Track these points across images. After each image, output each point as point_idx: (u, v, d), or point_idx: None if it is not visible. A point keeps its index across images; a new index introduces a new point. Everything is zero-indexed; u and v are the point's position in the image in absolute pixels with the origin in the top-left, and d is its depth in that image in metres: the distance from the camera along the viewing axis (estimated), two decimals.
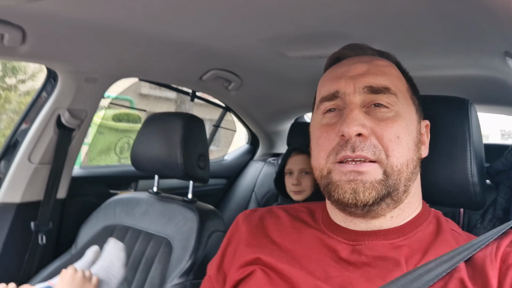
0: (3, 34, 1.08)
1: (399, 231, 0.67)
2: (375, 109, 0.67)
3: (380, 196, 0.63)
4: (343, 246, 0.67)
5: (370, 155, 0.63)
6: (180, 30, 1.18)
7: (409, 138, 0.66)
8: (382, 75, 0.69)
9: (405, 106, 0.68)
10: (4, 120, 4.32)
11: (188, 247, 1.26)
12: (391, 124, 0.65)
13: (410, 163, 0.66)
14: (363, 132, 0.64)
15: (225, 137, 3.00)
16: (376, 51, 0.76)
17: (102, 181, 1.85)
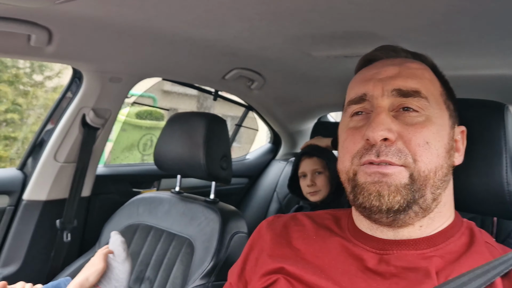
0: (30, 35, 1.09)
1: (430, 241, 0.64)
2: (404, 113, 0.64)
3: (406, 201, 0.61)
4: (370, 255, 0.65)
5: (395, 160, 0.61)
6: (204, 30, 1.17)
7: (440, 144, 0.63)
8: (413, 78, 0.66)
9: (436, 110, 0.65)
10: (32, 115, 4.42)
11: (210, 248, 1.26)
12: (420, 129, 0.63)
13: (439, 170, 0.63)
14: (389, 137, 0.62)
15: (246, 133, 2.99)
16: (410, 53, 0.73)
17: (126, 179, 1.87)
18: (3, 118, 4.13)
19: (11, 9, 0.96)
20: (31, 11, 0.99)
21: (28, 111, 4.38)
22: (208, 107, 6.92)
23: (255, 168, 2.60)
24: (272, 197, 2.46)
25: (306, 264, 0.68)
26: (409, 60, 0.71)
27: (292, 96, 2.10)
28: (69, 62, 1.37)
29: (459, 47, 1.15)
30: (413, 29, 1.04)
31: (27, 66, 4.33)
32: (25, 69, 4.35)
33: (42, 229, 1.50)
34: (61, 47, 1.19)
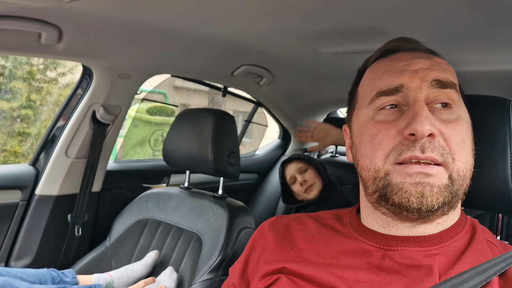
0: (41, 33, 1.11)
1: (435, 239, 0.63)
2: (439, 110, 0.62)
3: (446, 202, 0.59)
4: (374, 250, 0.65)
5: (438, 157, 0.58)
6: (212, 27, 1.18)
7: (470, 143, 0.63)
8: (447, 71, 0.64)
9: (463, 107, 0.65)
10: (46, 111, 4.47)
11: (217, 243, 1.27)
12: (457, 127, 0.61)
13: (471, 168, 0.62)
14: (434, 132, 0.59)
15: (257, 129, 3.00)
16: (427, 49, 0.72)
17: (136, 175, 1.89)
18: (17, 114, 4.19)
19: (22, 8, 0.97)
20: (41, 9, 1.01)
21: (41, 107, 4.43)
22: (219, 102, 6.92)
23: (264, 164, 2.60)
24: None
25: (308, 263, 0.67)
26: (433, 55, 0.69)
27: (300, 92, 2.10)
28: (79, 59, 1.39)
29: (465, 42, 1.14)
30: (420, 24, 1.03)
31: (41, 63, 4.38)
32: (39, 66, 4.40)
33: (54, 224, 1.52)
34: (71, 45, 1.21)
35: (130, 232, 1.48)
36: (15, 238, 1.48)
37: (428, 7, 0.91)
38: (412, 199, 0.58)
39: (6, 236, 1.46)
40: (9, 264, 1.46)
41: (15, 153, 3.99)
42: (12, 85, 4.10)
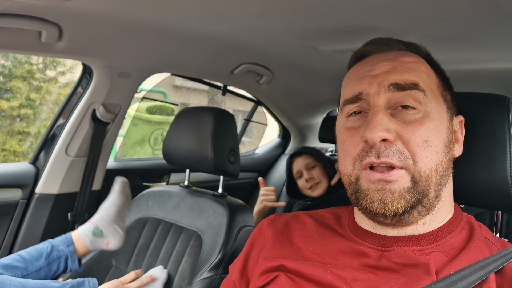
0: (41, 31, 1.11)
1: (430, 237, 0.64)
2: (402, 111, 0.63)
3: (410, 204, 0.60)
4: (371, 251, 0.65)
5: (396, 161, 0.60)
6: (212, 25, 1.18)
7: (439, 140, 0.62)
8: (410, 71, 0.64)
9: (434, 104, 0.64)
10: (45, 111, 4.47)
11: (217, 241, 1.27)
12: (418, 127, 0.61)
13: (439, 167, 0.62)
14: (388, 137, 0.60)
15: (257, 128, 3.00)
16: (403, 43, 0.71)
17: (136, 173, 1.89)
18: (17, 113, 4.19)
19: (22, 6, 0.97)
20: (42, 8, 1.01)
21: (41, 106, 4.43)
22: (219, 101, 6.93)
23: (264, 163, 2.61)
24: (281, 192, 2.47)
25: (307, 261, 0.68)
26: (403, 53, 0.69)
27: (300, 91, 2.10)
28: (79, 58, 1.39)
29: (465, 40, 1.14)
30: (419, 23, 1.04)
31: (40, 62, 4.37)
32: (38, 65, 4.40)
33: (54, 222, 1.53)
34: (71, 43, 1.21)
35: (130, 231, 1.48)
36: (16, 236, 1.48)
37: (427, 5, 0.91)
38: (375, 205, 0.61)
39: (6, 234, 1.47)
40: None
41: (14, 152, 4.00)
42: (11, 84, 4.10)
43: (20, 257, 1.14)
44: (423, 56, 0.70)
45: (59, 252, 1.18)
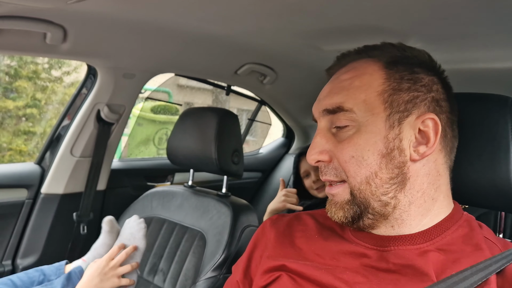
0: (46, 33, 1.12)
1: (426, 235, 0.64)
2: (338, 130, 0.67)
3: (350, 215, 0.66)
4: (370, 252, 0.66)
5: (333, 178, 0.67)
6: (215, 25, 1.19)
7: (370, 153, 0.63)
8: (339, 92, 0.67)
9: (367, 118, 0.64)
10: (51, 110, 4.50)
11: (221, 241, 1.28)
12: (346, 145, 0.65)
13: (373, 179, 0.64)
14: (321, 159, 0.67)
15: (261, 127, 3.01)
16: (358, 51, 0.72)
17: (140, 173, 1.90)
18: (23, 113, 4.22)
19: (27, 8, 0.98)
20: (46, 10, 1.02)
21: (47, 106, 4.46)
22: (223, 101, 6.94)
23: (268, 162, 2.61)
24: None
25: (308, 262, 0.69)
26: (350, 66, 0.70)
27: (304, 90, 2.10)
28: (84, 59, 1.40)
29: (468, 39, 1.14)
30: (423, 22, 1.03)
31: (46, 62, 4.40)
32: (44, 65, 4.43)
33: (59, 222, 1.54)
34: (76, 45, 1.21)
35: None
36: (21, 236, 1.50)
37: (431, 4, 0.91)
38: (329, 214, 0.70)
39: (12, 234, 1.48)
40: (16, 261, 1.48)
41: (20, 151, 4.03)
42: (17, 84, 4.13)
43: (12, 282, 1.14)
44: (385, 57, 0.69)
45: (50, 284, 1.17)
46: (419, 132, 0.64)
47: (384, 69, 0.67)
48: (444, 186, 0.67)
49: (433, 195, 0.65)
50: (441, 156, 0.66)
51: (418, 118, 0.64)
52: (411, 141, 0.64)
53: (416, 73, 0.67)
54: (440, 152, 0.66)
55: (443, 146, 0.66)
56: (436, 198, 0.66)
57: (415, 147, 0.64)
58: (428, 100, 0.65)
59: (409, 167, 0.64)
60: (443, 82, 0.70)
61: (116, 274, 1.13)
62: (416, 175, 0.64)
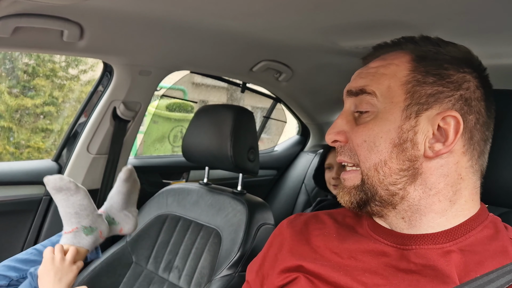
0: (63, 30, 1.12)
1: (449, 234, 0.62)
2: (360, 116, 0.68)
3: (356, 200, 0.67)
4: (391, 250, 0.64)
5: (347, 159, 0.68)
6: (232, 21, 1.17)
7: (382, 140, 0.63)
8: (365, 76, 0.68)
9: (385, 105, 0.64)
10: (68, 108, 4.55)
11: (237, 239, 1.27)
12: (361, 129, 0.66)
13: (382, 166, 0.63)
14: (338, 139, 0.69)
15: (276, 125, 3.00)
16: (389, 44, 0.72)
17: (156, 170, 1.90)
18: (41, 111, 4.28)
19: (44, 6, 0.99)
20: (63, 7, 1.02)
21: (64, 104, 4.51)
22: (237, 98, 6.93)
23: (283, 160, 2.60)
24: (300, 189, 2.46)
25: (326, 262, 0.67)
26: (382, 57, 0.70)
27: (320, 87, 2.08)
28: (100, 56, 1.40)
29: (493, 34, 1.10)
30: (446, 17, 1.00)
31: (63, 61, 4.45)
32: (61, 63, 4.48)
33: None
34: (92, 42, 1.22)
35: (150, 227, 1.50)
36: (39, 232, 1.51)
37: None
38: (339, 199, 0.71)
39: (30, 230, 1.50)
40: None
41: (38, 149, 4.08)
42: (35, 82, 4.18)
43: (36, 250, 1.16)
44: (411, 52, 0.68)
45: None
46: (438, 129, 0.62)
47: (412, 61, 0.66)
48: (467, 190, 0.64)
49: (451, 197, 0.63)
50: (464, 159, 0.63)
51: (439, 114, 0.62)
52: (427, 136, 0.62)
53: (445, 69, 0.64)
54: (463, 155, 0.63)
55: (467, 149, 0.63)
56: (455, 201, 0.63)
57: (431, 144, 0.62)
58: (455, 98, 0.63)
59: (422, 163, 0.62)
60: (482, 81, 0.66)
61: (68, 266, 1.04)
62: (430, 172, 0.62)
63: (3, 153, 3.92)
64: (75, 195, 1.14)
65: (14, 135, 4.04)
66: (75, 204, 1.14)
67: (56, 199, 1.15)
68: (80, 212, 1.14)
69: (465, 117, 0.62)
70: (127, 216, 1.27)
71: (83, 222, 1.14)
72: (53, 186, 1.13)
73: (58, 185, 1.13)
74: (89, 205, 1.16)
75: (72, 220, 1.14)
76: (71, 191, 1.14)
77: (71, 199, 1.14)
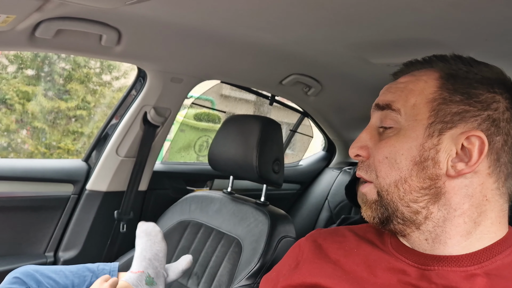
0: (102, 35, 1.16)
1: (474, 257, 0.60)
2: (384, 131, 0.68)
3: (378, 215, 0.67)
4: (411, 269, 0.63)
5: (363, 174, 0.69)
6: (264, 34, 1.19)
7: (403, 157, 0.63)
8: (394, 91, 0.69)
9: (409, 122, 0.64)
10: (99, 113, 4.66)
11: (257, 249, 1.27)
12: (383, 145, 0.66)
13: (402, 183, 0.63)
14: (360, 153, 0.69)
15: (301, 141, 2.99)
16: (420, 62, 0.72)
17: (181, 177, 1.93)
18: (73, 114, 4.40)
19: (86, 10, 1.03)
20: (104, 12, 1.06)
21: (95, 109, 4.63)
22: (264, 112, 6.97)
23: (307, 175, 2.58)
24: (323, 206, 2.43)
25: (344, 276, 0.67)
26: (412, 74, 0.70)
27: (349, 104, 2.07)
28: (135, 62, 1.44)
29: None
30: (482, 38, 0.99)
31: (97, 67, 4.59)
32: (95, 69, 4.61)
33: (101, 219, 1.58)
34: (129, 47, 1.26)
35: (172, 232, 1.51)
36: (65, 230, 1.55)
37: (492, 20, 0.87)
38: (362, 214, 0.71)
39: (56, 227, 1.53)
40: (58, 254, 1.53)
41: (68, 150, 4.19)
42: (70, 86, 4.32)
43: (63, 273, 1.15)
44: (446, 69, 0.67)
45: None
46: (462, 148, 0.61)
47: (440, 79, 0.65)
48: (493, 212, 0.62)
49: (476, 218, 0.62)
50: (489, 181, 0.61)
51: (463, 133, 0.61)
52: (450, 155, 0.61)
53: (474, 88, 0.63)
54: (488, 176, 0.61)
55: (492, 171, 0.61)
56: (480, 223, 0.62)
57: (454, 163, 0.61)
58: (482, 118, 0.62)
59: (445, 182, 0.61)
60: None
61: None
62: (453, 192, 0.61)
63: (35, 152, 4.05)
64: (159, 245, 1.20)
65: (46, 136, 4.16)
66: (153, 251, 1.19)
67: (140, 240, 1.20)
68: (153, 261, 1.17)
69: (491, 138, 0.61)
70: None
71: (150, 271, 1.16)
72: (144, 229, 1.21)
73: (149, 230, 1.22)
74: (162, 261, 1.19)
75: (143, 264, 1.16)
76: (157, 240, 1.20)
77: (154, 246, 1.19)
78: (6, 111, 3.93)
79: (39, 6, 0.93)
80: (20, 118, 4.07)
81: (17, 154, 3.97)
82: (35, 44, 1.12)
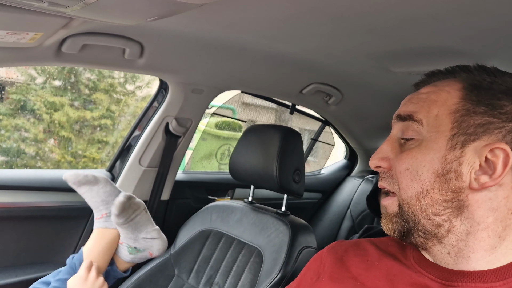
0: (125, 48, 1.20)
1: (499, 273, 0.59)
2: (405, 143, 0.67)
3: (398, 228, 0.66)
4: (435, 285, 0.62)
5: (386, 185, 0.68)
6: (284, 44, 1.20)
7: (425, 169, 0.62)
8: (416, 102, 0.67)
9: (431, 134, 0.63)
10: (123, 122, 4.75)
11: (278, 260, 1.27)
12: (405, 156, 0.65)
13: (424, 196, 0.62)
14: (381, 164, 0.68)
15: (323, 148, 2.98)
16: (442, 72, 0.71)
17: (202, 186, 1.94)
18: (98, 123, 4.50)
19: (110, 26, 1.06)
20: (127, 27, 1.09)
21: (119, 118, 4.72)
22: (285, 120, 6.97)
23: (329, 184, 2.56)
24: (345, 215, 2.41)
25: None
26: (434, 84, 0.69)
27: (370, 113, 2.06)
28: (157, 74, 1.47)
29: None
30: (505, 46, 0.98)
31: (121, 77, 4.68)
32: (119, 79, 4.71)
33: None
34: (151, 60, 1.28)
35: (194, 242, 1.52)
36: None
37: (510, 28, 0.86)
38: (382, 227, 0.70)
39: (81, 236, 1.57)
40: None
41: (93, 159, 4.28)
42: (95, 96, 4.42)
43: None
44: (469, 79, 0.66)
45: None
46: (486, 161, 0.59)
47: (463, 89, 0.64)
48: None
49: (501, 233, 0.60)
50: None
51: (487, 146, 0.59)
52: (474, 168, 0.60)
53: (498, 99, 0.62)
54: None
55: None
56: (505, 237, 0.60)
57: (477, 176, 0.60)
58: (506, 129, 0.60)
59: (468, 195, 0.60)
60: None
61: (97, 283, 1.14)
62: (477, 205, 0.60)
63: (62, 161, 4.15)
64: (97, 185, 1.23)
65: (72, 145, 4.26)
66: (99, 192, 1.23)
67: (81, 192, 1.24)
68: (106, 198, 1.22)
69: None
70: (147, 240, 1.29)
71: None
72: (73, 182, 1.23)
73: (77, 180, 1.23)
74: (113, 190, 1.23)
75: (100, 208, 1.22)
76: (91, 183, 1.23)
77: (94, 189, 1.23)
78: (34, 121, 4.05)
79: (65, 24, 0.96)
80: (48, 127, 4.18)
81: (44, 163, 4.08)
82: (62, 59, 1.16)
